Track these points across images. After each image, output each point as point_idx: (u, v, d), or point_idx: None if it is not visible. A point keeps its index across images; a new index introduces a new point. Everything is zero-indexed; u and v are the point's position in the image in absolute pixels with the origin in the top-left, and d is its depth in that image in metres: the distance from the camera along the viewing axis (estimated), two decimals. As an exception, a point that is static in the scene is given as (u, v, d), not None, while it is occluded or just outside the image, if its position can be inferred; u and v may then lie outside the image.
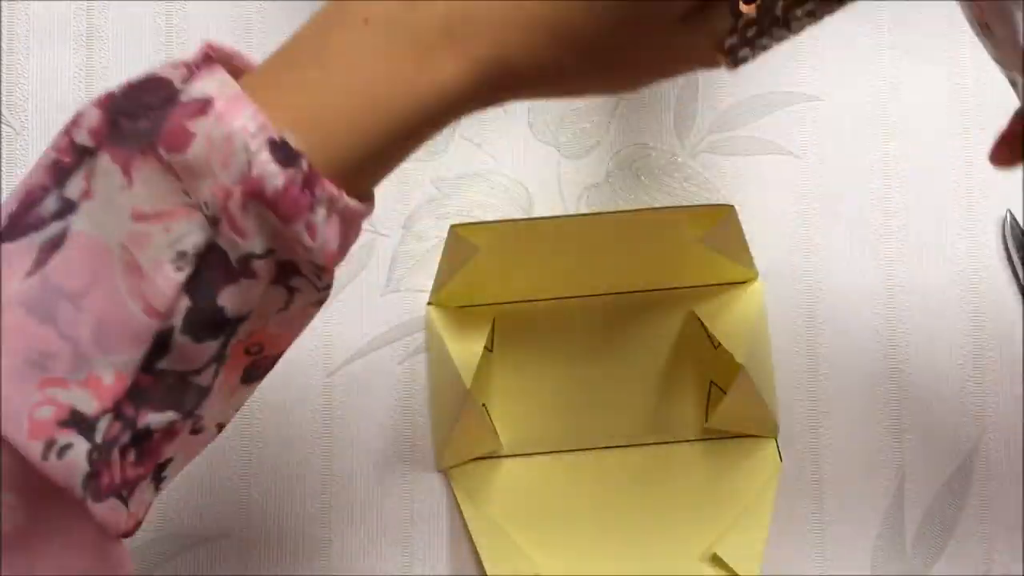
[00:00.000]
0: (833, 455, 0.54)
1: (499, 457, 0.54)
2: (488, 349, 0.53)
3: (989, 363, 0.55)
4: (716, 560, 0.52)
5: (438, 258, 0.53)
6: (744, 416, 0.53)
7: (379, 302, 0.55)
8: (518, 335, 0.54)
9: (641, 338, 0.54)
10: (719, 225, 0.49)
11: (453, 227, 0.49)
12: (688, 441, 0.54)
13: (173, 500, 0.54)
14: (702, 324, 0.53)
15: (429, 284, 0.55)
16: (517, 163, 0.56)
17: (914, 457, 0.54)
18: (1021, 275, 0.55)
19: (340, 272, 0.55)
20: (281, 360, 0.38)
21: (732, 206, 0.49)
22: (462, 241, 0.49)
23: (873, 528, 0.54)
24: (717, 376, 0.53)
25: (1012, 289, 0.55)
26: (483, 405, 0.53)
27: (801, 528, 0.54)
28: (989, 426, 0.54)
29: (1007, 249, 0.55)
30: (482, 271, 0.51)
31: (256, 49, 0.56)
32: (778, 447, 0.54)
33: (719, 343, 0.52)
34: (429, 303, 0.54)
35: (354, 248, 0.57)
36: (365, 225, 0.37)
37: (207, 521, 0.54)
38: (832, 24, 0.56)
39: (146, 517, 0.36)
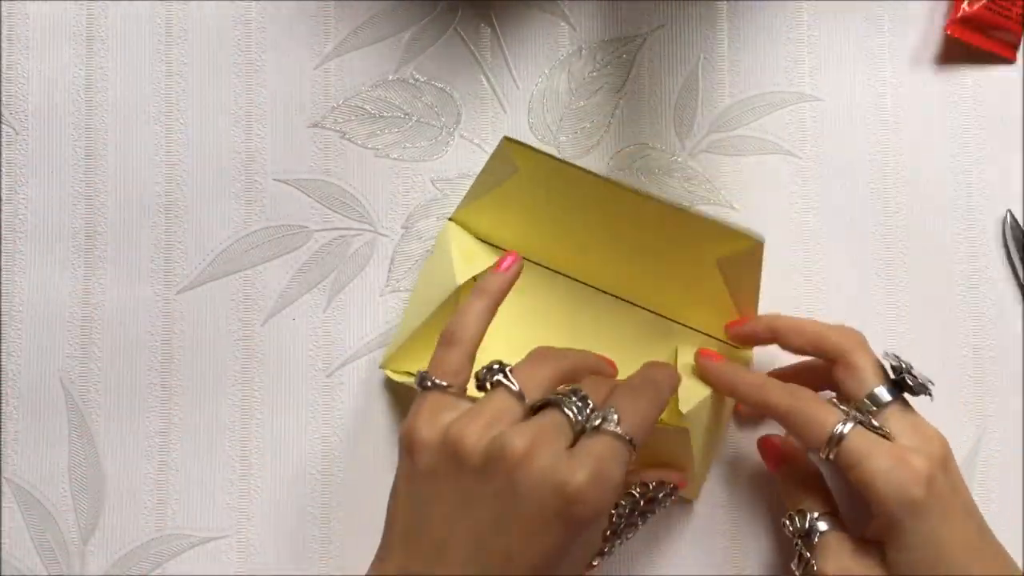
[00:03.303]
0: (833, 455, 0.54)
1: None
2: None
3: (989, 363, 0.55)
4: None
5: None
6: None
7: (379, 302, 0.55)
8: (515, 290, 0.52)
9: (620, 341, 0.54)
10: (742, 255, 0.49)
11: (506, 138, 0.49)
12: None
13: (173, 500, 0.54)
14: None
15: (429, 284, 0.55)
16: (517, 163, 0.56)
17: (914, 457, 0.54)
18: (1021, 275, 0.55)
19: (340, 272, 0.55)
20: (281, 360, 0.38)
21: (762, 242, 0.48)
22: (506, 156, 0.50)
23: (873, 528, 0.54)
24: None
25: (1012, 289, 0.55)
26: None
27: (801, 528, 0.54)
28: (989, 426, 0.54)
29: (1007, 249, 0.55)
30: (509, 202, 0.51)
31: (256, 49, 0.57)
32: None
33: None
34: (450, 219, 0.54)
35: (354, 248, 0.57)
36: (365, 225, 0.37)
37: (207, 521, 0.54)
38: (832, 24, 0.57)
39: (145, 517, 0.37)
